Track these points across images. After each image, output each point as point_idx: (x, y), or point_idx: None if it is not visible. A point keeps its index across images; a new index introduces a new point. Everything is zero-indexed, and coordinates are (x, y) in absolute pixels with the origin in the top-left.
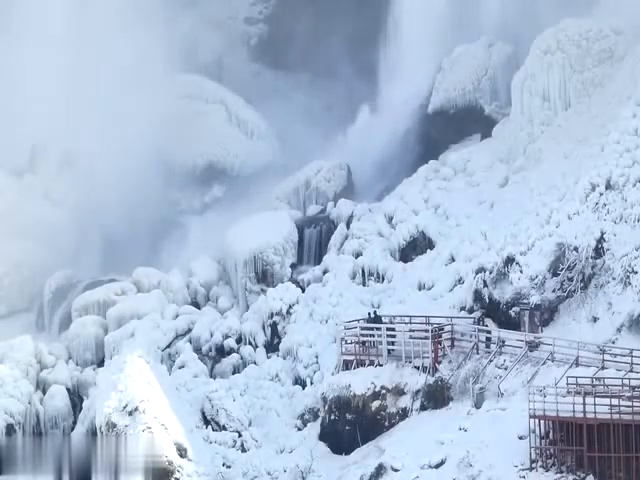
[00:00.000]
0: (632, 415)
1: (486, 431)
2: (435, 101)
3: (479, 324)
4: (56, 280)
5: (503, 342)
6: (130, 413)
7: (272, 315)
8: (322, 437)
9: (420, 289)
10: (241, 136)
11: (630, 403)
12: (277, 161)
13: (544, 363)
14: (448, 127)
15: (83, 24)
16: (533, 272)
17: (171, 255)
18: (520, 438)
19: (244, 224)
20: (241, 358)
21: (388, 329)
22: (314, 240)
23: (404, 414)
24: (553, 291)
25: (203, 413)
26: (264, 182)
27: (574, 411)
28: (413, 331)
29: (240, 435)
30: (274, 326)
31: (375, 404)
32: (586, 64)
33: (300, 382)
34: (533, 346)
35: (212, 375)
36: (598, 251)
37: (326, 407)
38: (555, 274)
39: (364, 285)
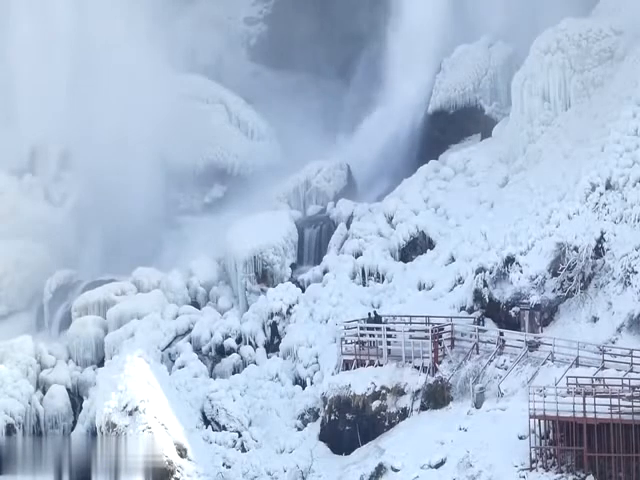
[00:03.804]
0: (632, 415)
1: (486, 431)
2: (435, 101)
3: (479, 324)
4: (56, 280)
5: (503, 342)
6: (130, 413)
7: (272, 315)
8: (322, 437)
9: (420, 289)
10: (241, 136)
11: (630, 403)
12: (277, 161)
13: (544, 363)
14: (448, 127)
15: (83, 24)
16: (533, 272)
17: (171, 255)
18: (520, 438)
19: (244, 224)
20: (241, 358)
21: (388, 329)
22: (314, 240)
23: (404, 414)
24: (553, 291)
25: (203, 413)
26: (264, 182)
27: (574, 411)
28: (413, 331)
29: (240, 435)
30: (274, 326)
31: (375, 404)
32: (586, 64)
33: (300, 382)
34: (533, 346)
35: (212, 375)
36: (598, 251)
37: (326, 407)
38: (555, 274)
39: (364, 285)
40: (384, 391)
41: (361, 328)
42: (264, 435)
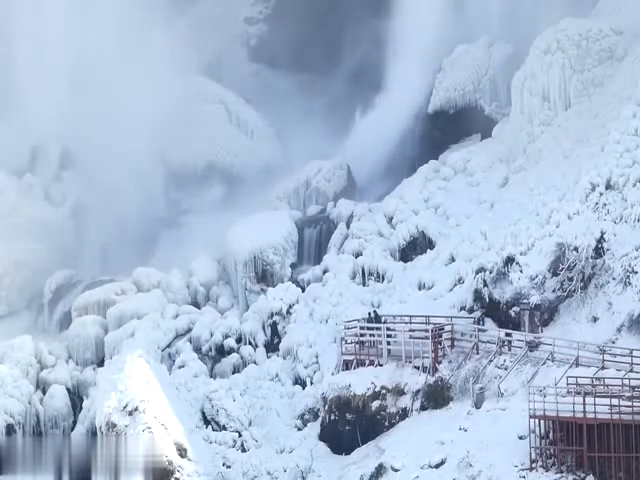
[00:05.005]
0: (632, 415)
1: (486, 431)
2: (435, 101)
3: (479, 324)
4: (56, 280)
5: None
6: (130, 413)
7: (272, 315)
8: (322, 437)
9: (420, 289)
10: (241, 136)
11: (630, 403)
12: (277, 161)
13: (544, 363)
14: (448, 127)
15: (83, 24)
16: (533, 272)
17: (171, 255)
18: (520, 438)
19: (244, 224)
20: (241, 358)
21: (388, 329)
22: (314, 240)
23: (404, 414)
24: (553, 291)
25: (203, 413)
26: (264, 182)
27: (574, 411)
28: (413, 331)
29: (240, 435)
30: (274, 326)
31: (375, 404)
32: (586, 64)
33: (300, 382)
34: (533, 346)
35: (212, 375)
36: (598, 251)
37: (326, 407)
38: (555, 274)
39: (364, 285)
40: (384, 391)
41: (361, 328)
42: (264, 435)
